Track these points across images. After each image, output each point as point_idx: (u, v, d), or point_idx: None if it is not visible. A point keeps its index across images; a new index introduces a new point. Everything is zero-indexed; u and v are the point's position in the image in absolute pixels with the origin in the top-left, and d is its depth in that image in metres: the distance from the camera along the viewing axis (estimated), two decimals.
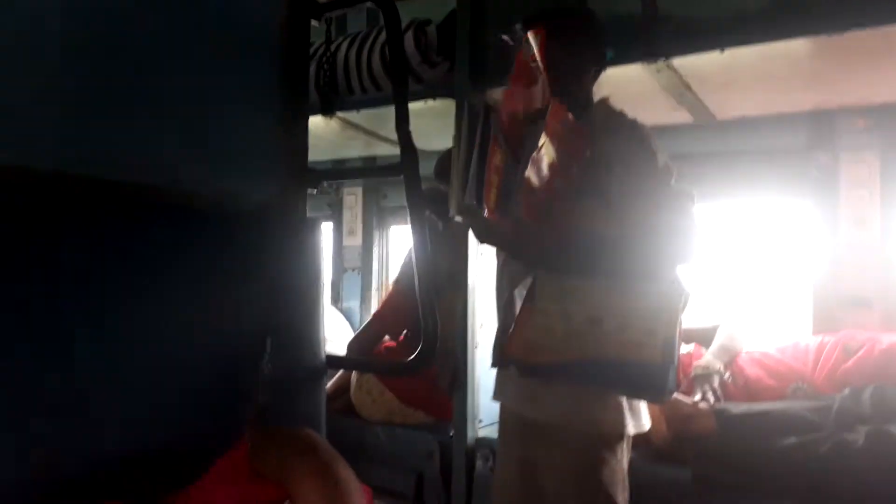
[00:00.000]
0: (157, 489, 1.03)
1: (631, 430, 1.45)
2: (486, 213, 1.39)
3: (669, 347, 1.31)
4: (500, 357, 1.48)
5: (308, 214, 1.48)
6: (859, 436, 1.70)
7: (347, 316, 3.61)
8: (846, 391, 1.87)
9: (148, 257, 1.13)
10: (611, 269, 1.37)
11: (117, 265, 1.09)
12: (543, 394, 1.47)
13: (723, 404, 1.95)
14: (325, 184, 3.67)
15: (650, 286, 1.35)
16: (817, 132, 2.48)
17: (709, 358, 2.08)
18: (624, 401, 1.44)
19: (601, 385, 1.38)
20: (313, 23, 1.53)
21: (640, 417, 1.48)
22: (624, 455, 1.48)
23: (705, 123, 2.55)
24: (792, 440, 1.77)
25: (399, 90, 1.48)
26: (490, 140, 1.38)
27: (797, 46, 1.85)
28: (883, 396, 1.80)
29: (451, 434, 2.26)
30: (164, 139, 1.18)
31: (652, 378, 1.32)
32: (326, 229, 3.80)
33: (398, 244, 3.72)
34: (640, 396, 1.43)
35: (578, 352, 1.34)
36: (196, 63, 1.24)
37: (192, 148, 1.23)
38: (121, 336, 1.08)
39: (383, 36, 2.52)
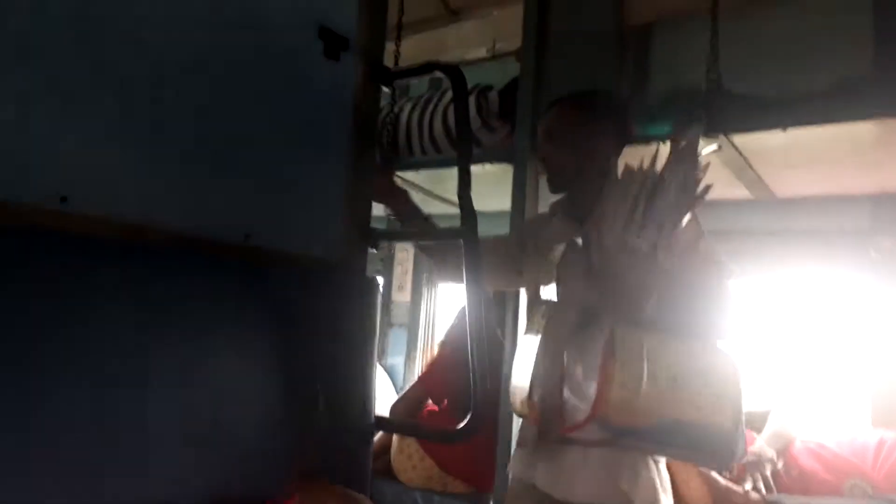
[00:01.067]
0: None
1: None
2: None
3: (737, 412, 1.29)
4: (577, 420, 1.37)
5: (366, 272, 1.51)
6: None
7: (391, 373, 3.60)
8: None
9: (211, 309, 1.16)
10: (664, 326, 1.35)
11: (181, 315, 1.12)
12: (577, 469, 1.42)
13: (775, 496, 1.87)
14: None
15: (716, 348, 1.34)
16: (880, 215, 2.43)
17: (761, 444, 2.00)
18: (656, 477, 1.41)
19: (680, 448, 1.33)
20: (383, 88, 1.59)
21: (670, 495, 1.44)
22: None
23: (764, 200, 2.52)
24: None
25: (463, 156, 1.51)
26: None
27: (862, 129, 1.83)
28: None
29: None
30: (238, 196, 1.23)
31: (724, 443, 1.27)
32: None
33: (446, 302, 3.73)
34: (710, 463, 1.44)
35: (659, 412, 1.27)
36: (270, 124, 1.30)
37: (263, 205, 1.27)
38: (177, 385, 1.10)
39: (445, 100, 2.58)
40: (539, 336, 1.49)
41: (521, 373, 1.48)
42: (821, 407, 2.50)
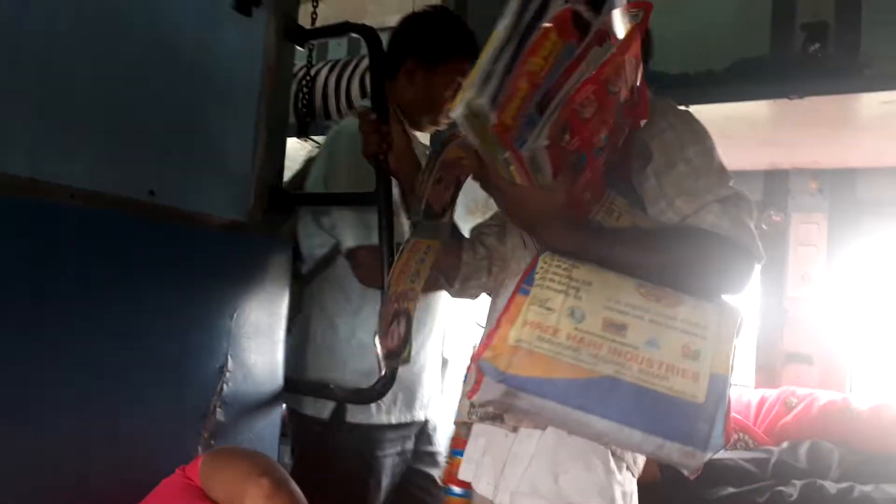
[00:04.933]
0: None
1: None
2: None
3: (718, 381, 0.82)
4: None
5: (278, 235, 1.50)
6: (794, 489, 1.76)
7: None
8: (784, 445, 1.94)
9: (116, 267, 1.13)
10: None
11: (85, 272, 1.08)
12: (509, 460, 1.00)
13: None
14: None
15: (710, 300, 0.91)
16: (772, 189, 2.60)
17: None
18: (615, 483, 0.97)
19: (613, 422, 0.83)
20: (296, 48, 1.56)
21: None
22: None
23: None
24: (730, 490, 1.82)
25: (379, 119, 1.51)
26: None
27: (757, 108, 1.95)
28: (819, 452, 1.87)
29: None
30: (142, 152, 1.19)
31: (687, 422, 0.81)
32: None
33: None
34: (668, 451, 0.83)
35: (588, 365, 0.84)
36: (178, 79, 1.26)
37: (169, 162, 1.24)
38: (77, 343, 1.07)
39: (363, 63, 2.55)
40: None
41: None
42: None
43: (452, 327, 1.70)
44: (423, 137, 1.75)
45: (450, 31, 1.59)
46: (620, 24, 0.86)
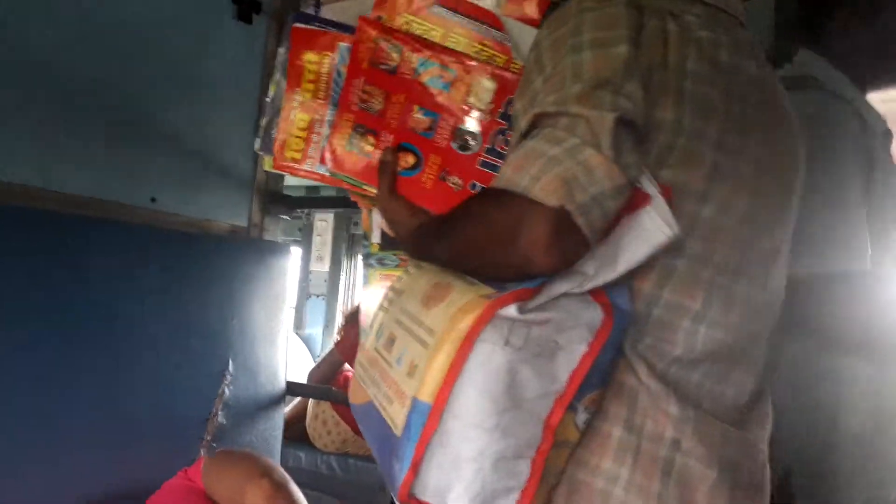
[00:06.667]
0: None
1: None
2: None
3: (418, 408, 0.60)
4: None
5: (278, 239, 1.51)
6: None
7: (308, 343, 3.58)
8: None
9: (118, 273, 1.14)
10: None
11: (87, 278, 1.10)
12: None
13: None
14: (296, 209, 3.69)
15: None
16: None
17: None
18: None
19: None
20: None
21: None
22: None
23: None
24: None
25: None
26: None
27: None
28: None
29: None
30: (144, 160, 1.21)
31: (388, 459, 0.65)
32: (295, 254, 3.80)
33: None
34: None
35: (365, 390, 0.74)
36: (179, 87, 1.28)
37: (171, 170, 1.25)
38: (78, 350, 1.09)
39: None
40: None
41: None
42: None
43: None
44: None
45: None
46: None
